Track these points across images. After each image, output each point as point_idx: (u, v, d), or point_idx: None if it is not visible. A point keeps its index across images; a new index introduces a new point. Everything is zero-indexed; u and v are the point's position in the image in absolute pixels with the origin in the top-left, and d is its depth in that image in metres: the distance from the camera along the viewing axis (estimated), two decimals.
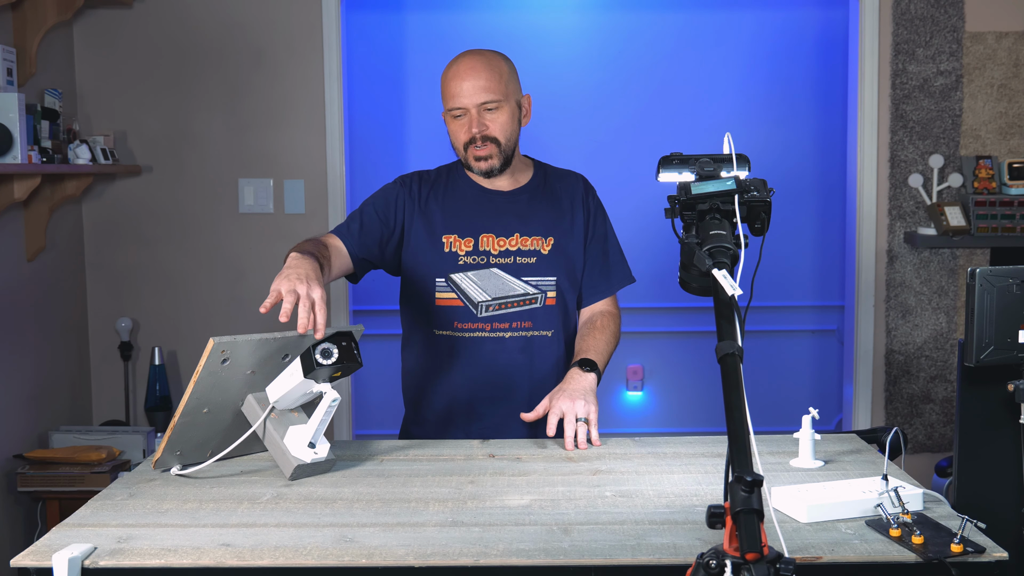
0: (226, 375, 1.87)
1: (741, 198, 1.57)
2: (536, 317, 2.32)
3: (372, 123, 4.59)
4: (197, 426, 1.92)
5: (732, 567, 1.15)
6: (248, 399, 1.92)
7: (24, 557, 1.53)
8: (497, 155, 2.28)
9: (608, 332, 2.36)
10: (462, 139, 2.28)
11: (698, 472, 1.93)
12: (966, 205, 3.86)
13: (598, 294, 2.41)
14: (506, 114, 2.28)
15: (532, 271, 2.32)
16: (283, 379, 1.90)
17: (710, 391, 4.53)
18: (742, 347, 1.35)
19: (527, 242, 2.33)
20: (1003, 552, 1.53)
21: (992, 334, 1.99)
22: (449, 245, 2.32)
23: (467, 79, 2.25)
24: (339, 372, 1.87)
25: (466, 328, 2.31)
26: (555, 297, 2.34)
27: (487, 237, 2.32)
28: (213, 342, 1.81)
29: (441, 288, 2.31)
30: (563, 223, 2.36)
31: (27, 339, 3.50)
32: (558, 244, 2.34)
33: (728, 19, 4.59)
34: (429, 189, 2.37)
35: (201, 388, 1.86)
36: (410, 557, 1.52)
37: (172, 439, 1.91)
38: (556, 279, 2.34)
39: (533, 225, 2.34)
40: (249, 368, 1.89)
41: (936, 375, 3.99)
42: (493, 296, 2.30)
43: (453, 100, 2.26)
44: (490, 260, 2.32)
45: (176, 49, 3.90)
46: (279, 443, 1.90)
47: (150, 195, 3.95)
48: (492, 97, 2.25)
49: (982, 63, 3.89)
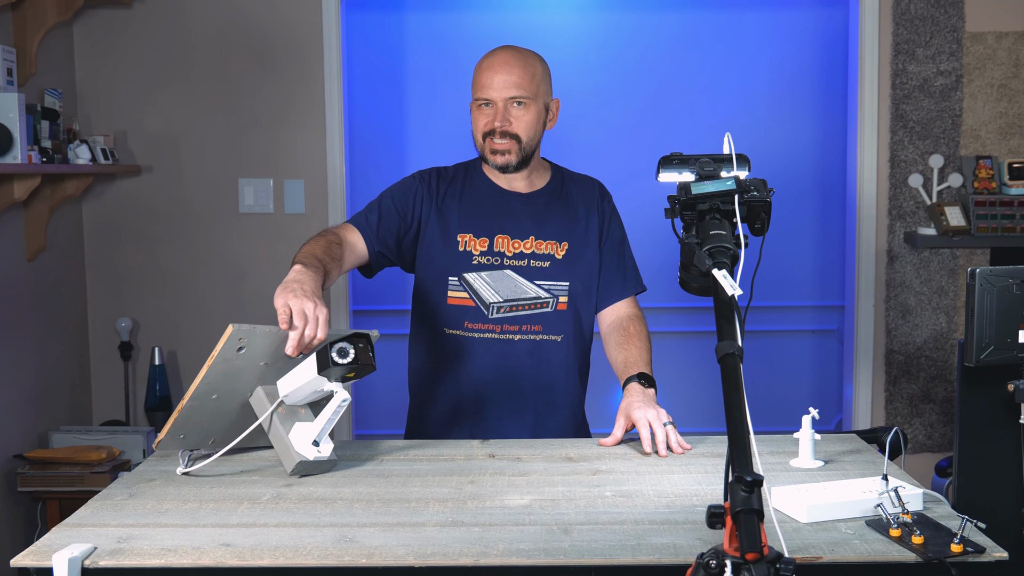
0: (239, 364, 1.87)
1: (741, 198, 1.57)
2: (546, 321, 2.32)
3: (372, 123, 4.58)
4: (204, 412, 1.91)
5: (732, 567, 1.15)
6: (257, 391, 1.92)
7: (24, 557, 1.53)
8: (516, 152, 2.28)
9: (644, 338, 2.38)
10: (482, 129, 2.28)
11: (698, 472, 1.93)
12: (966, 205, 3.86)
13: (615, 295, 2.40)
14: (532, 113, 2.28)
15: (545, 275, 2.32)
16: (295, 374, 1.90)
17: (710, 391, 4.52)
18: (742, 347, 1.35)
19: (542, 246, 2.33)
20: (1003, 552, 1.53)
21: (992, 334, 1.99)
22: (464, 244, 2.31)
23: (500, 72, 2.25)
24: (352, 373, 1.87)
25: (476, 328, 2.30)
26: (567, 302, 2.33)
27: (502, 238, 2.32)
28: (232, 328, 1.81)
29: (454, 287, 2.31)
30: (578, 229, 2.36)
31: (27, 339, 3.50)
32: (572, 249, 2.34)
33: (728, 19, 4.59)
34: (447, 186, 2.36)
35: (213, 374, 1.85)
36: (410, 557, 1.52)
37: (177, 422, 1.90)
38: (569, 284, 2.33)
39: (548, 229, 2.34)
40: (263, 360, 1.89)
41: (936, 375, 3.99)
42: (505, 298, 2.29)
43: (482, 90, 2.27)
44: (504, 261, 2.31)
45: (176, 49, 3.90)
46: (284, 438, 1.90)
47: (150, 195, 3.95)
48: (521, 93, 2.26)
49: (982, 63, 3.89)
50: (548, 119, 2.35)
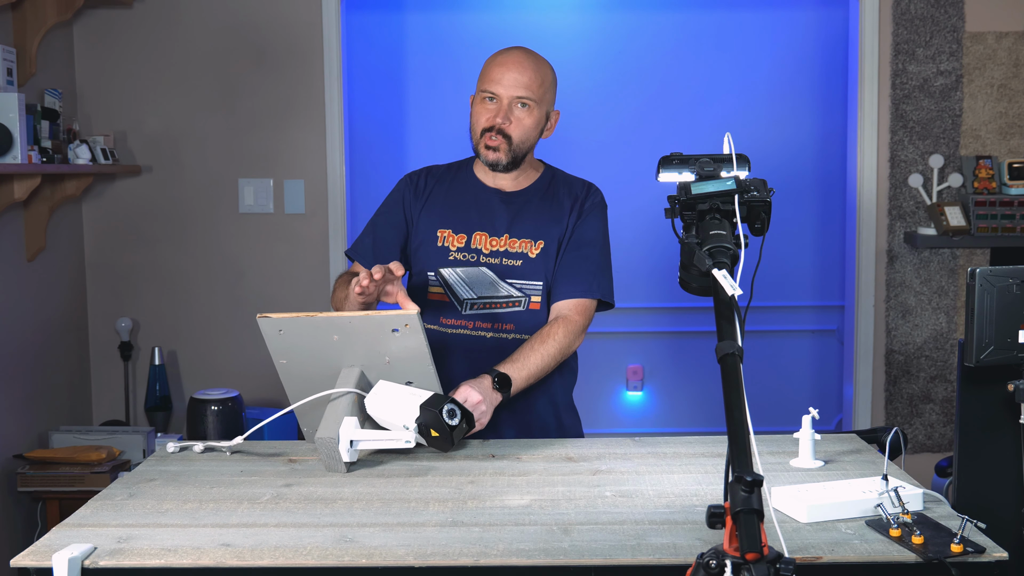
0: (301, 342, 1.98)
1: (741, 198, 1.57)
2: (519, 320, 2.31)
3: (372, 123, 4.58)
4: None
5: (732, 567, 1.15)
6: (353, 370, 1.98)
7: (24, 557, 1.53)
8: (506, 152, 2.29)
9: (550, 346, 2.23)
10: (482, 124, 2.29)
11: (698, 472, 1.93)
12: (966, 205, 3.86)
13: (560, 293, 2.30)
14: (533, 118, 2.29)
15: (517, 274, 2.32)
16: (400, 394, 1.93)
17: (710, 391, 4.52)
18: (742, 347, 1.35)
19: (515, 244, 2.33)
20: (1003, 552, 1.53)
21: (992, 334, 1.99)
22: (442, 240, 2.33)
23: (512, 70, 2.27)
24: (437, 433, 1.91)
25: (449, 324, 2.31)
26: (539, 302, 2.32)
27: (480, 235, 2.33)
28: (257, 318, 1.95)
29: (432, 282, 2.33)
30: (556, 228, 2.34)
31: (27, 339, 3.50)
32: (547, 249, 2.33)
33: (728, 19, 4.59)
34: (436, 183, 2.39)
35: (287, 357, 1.99)
36: (410, 557, 1.52)
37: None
38: (542, 283, 2.32)
39: (524, 228, 2.33)
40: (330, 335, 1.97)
41: (936, 375, 3.99)
42: (479, 295, 2.30)
43: (491, 84, 2.28)
44: (480, 258, 2.32)
45: (176, 49, 3.90)
46: (335, 418, 1.91)
47: (150, 195, 3.95)
48: (528, 95, 2.27)
49: (982, 63, 3.89)
50: (546, 128, 2.36)
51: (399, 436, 1.90)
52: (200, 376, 3.97)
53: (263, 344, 2.01)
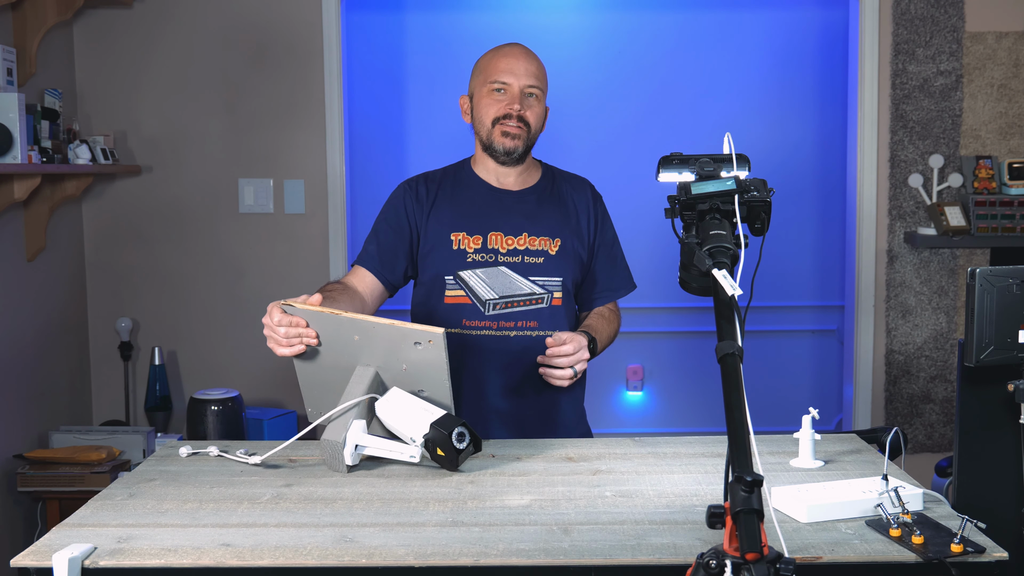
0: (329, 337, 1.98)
1: (741, 198, 1.57)
2: (542, 317, 2.33)
3: (372, 123, 4.59)
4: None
5: (732, 567, 1.15)
6: (368, 369, 1.98)
7: (24, 557, 1.53)
8: (524, 139, 2.32)
9: (614, 325, 2.44)
10: (494, 113, 2.31)
11: (698, 472, 1.93)
12: (966, 205, 3.86)
13: (606, 298, 2.45)
14: (540, 107, 2.36)
15: (539, 271, 2.33)
16: (413, 406, 1.93)
17: (710, 391, 4.53)
18: (742, 347, 1.35)
19: (535, 242, 2.34)
20: (1003, 552, 1.53)
21: (992, 334, 1.99)
22: (458, 243, 2.33)
23: (521, 60, 2.33)
24: (443, 453, 1.91)
25: (473, 326, 2.31)
26: (561, 298, 2.35)
27: (496, 236, 2.34)
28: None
29: (450, 286, 2.32)
30: (570, 225, 2.38)
31: (27, 339, 3.50)
32: (565, 246, 2.36)
33: (728, 19, 4.59)
34: (436, 188, 2.39)
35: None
36: (410, 557, 1.52)
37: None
38: (562, 280, 2.35)
39: (541, 225, 2.36)
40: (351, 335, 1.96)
41: (936, 375, 3.99)
42: (500, 294, 2.30)
43: (501, 75, 2.31)
44: (498, 258, 2.33)
45: (176, 49, 3.90)
46: (344, 419, 1.91)
47: (150, 195, 3.95)
48: (538, 84, 2.34)
49: (982, 63, 3.89)
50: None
51: (405, 450, 1.91)
52: (200, 376, 3.97)
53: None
